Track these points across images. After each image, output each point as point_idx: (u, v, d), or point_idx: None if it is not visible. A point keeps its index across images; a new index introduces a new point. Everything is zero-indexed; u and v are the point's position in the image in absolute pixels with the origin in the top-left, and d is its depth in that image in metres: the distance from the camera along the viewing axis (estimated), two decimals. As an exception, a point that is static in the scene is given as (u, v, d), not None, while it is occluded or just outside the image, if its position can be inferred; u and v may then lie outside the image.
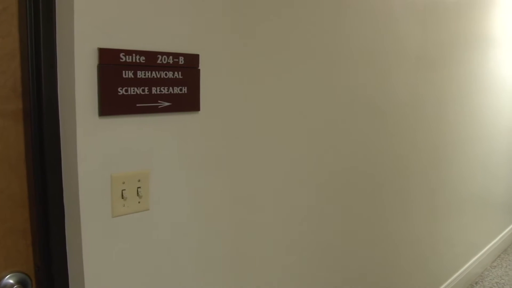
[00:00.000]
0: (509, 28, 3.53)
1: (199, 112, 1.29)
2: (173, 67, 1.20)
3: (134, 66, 1.13)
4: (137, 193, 1.19)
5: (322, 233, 1.83)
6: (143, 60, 1.14)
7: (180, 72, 1.22)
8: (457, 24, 2.65)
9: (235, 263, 1.48)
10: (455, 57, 2.69)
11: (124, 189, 1.16)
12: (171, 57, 1.19)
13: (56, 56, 1.08)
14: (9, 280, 1.12)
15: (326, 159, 1.79)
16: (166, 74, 1.19)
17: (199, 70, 1.26)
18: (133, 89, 1.13)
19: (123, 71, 1.11)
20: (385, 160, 2.16)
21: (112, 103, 1.10)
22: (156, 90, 1.18)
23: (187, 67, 1.23)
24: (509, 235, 4.15)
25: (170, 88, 1.20)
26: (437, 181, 2.70)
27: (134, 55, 1.12)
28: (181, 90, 1.22)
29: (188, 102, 1.25)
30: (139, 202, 1.19)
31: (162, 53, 1.18)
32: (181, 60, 1.21)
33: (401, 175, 2.32)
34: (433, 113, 2.54)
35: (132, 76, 1.13)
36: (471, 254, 3.40)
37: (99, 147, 1.10)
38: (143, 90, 1.15)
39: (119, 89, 1.11)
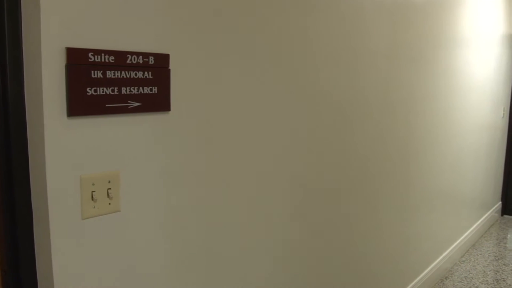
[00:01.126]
0: (477, 28, 3.63)
1: (170, 112, 1.28)
2: (143, 67, 1.19)
3: (103, 66, 1.11)
4: (108, 195, 1.17)
5: (291, 234, 1.85)
6: (112, 60, 1.13)
7: (150, 72, 1.21)
8: (425, 24, 2.70)
9: (207, 264, 1.48)
10: (424, 56, 2.75)
11: (94, 191, 1.14)
12: (141, 57, 1.18)
13: (22, 56, 1.06)
14: (-25, 285, 1.10)
15: (296, 158, 1.80)
16: (136, 74, 1.18)
17: (169, 70, 1.25)
18: (103, 89, 1.12)
19: (92, 71, 1.10)
20: (354, 158, 2.20)
21: (80, 103, 1.08)
22: (126, 90, 1.17)
23: (158, 67, 1.22)
24: (477, 230, 4.26)
25: (140, 88, 1.19)
26: (406, 179, 2.76)
27: (103, 54, 1.11)
28: (151, 90, 1.22)
29: (159, 102, 1.24)
30: (109, 204, 1.18)
31: (132, 53, 1.17)
32: (151, 60, 1.21)
33: (371, 173, 2.36)
34: (403, 111, 2.59)
35: (101, 76, 1.11)
36: (441, 249, 3.48)
37: (67, 148, 1.08)
38: (113, 90, 1.14)
39: (88, 89, 1.09)
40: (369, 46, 2.16)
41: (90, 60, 1.09)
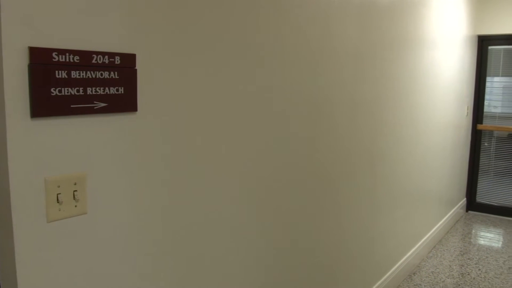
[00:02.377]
0: (442, 30, 3.72)
1: (137, 112, 1.27)
2: (109, 67, 1.18)
3: (68, 66, 1.10)
4: (74, 197, 1.15)
5: (256, 235, 1.85)
6: (77, 59, 1.11)
7: (116, 72, 1.20)
8: (391, 26, 2.76)
9: (175, 265, 1.47)
10: (390, 57, 2.81)
11: (60, 193, 1.12)
12: (106, 57, 1.17)
13: (-18, 55, 1.03)
14: None
15: (261, 158, 1.81)
16: (101, 74, 1.17)
17: (136, 70, 1.24)
18: (67, 89, 1.10)
19: (56, 71, 1.08)
20: (320, 158, 2.22)
21: (44, 104, 1.06)
22: (92, 91, 1.15)
23: (124, 67, 1.21)
24: (443, 226, 4.37)
25: (106, 88, 1.18)
26: (374, 178, 2.81)
27: (67, 54, 1.09)
28: (117, 90, 1.20)
29: (125, 103, 1.23)
30: (76, 206, 1.16)
31: (97, 53, 1.15)
32: (117, 60, 1.19)
33: (338, 172, 2.39)
34: (370, 111, 2.64)
35: (66, 76, 1.10)
36: (409, 246, 3.55)
37: (31, 150, 1.06)
38: (78, 91, 1.12)
39: (52, 90, 1.07)
40: (335, 46, 2.19)
41: (54, 60, 1.07)
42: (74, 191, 1.15)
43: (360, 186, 2.62)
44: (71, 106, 1.11)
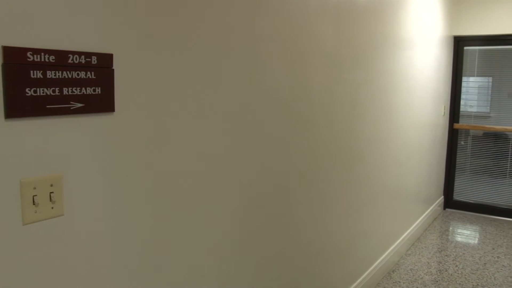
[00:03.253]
0: (419, 30, 3.77)
1: (114, 113, 1.26)
2: (86, 67, 1.17)
3: (43, 66, 1.08)
4: (50, 199, 1.14)
5: (234, 235, 1.86)
6: (52, 59, 1.10)
7: (93, 72, 1.18)
8: (369, 26, 2.79)
9: (156, 265, 1.46)
10: (369, 57, 2.84)
11: (36, 195, 1.11)
12: (83, 57, 1.16)
13: (-46, 55, 1.01)
14: None
15: (240, 158, 1.82)
16: (78, 74, 1.15)
17: (113, 70, 1.23)
18: (43, 89, 1.09)
19: (31, 71, 1.06)
20: (300, 157, 2.23)
21: (19, 104, 1.05)
22: (68, 91, 1.14)
23: (101, 67, 1.20)
24: (421, 224, 4.44)
25: (83, 88, 1.17)
26: (353, 177, 2.83)
27: (43, 54, 1.08)
28: (94, 90, 1.19)
29: (102, 103, 1.22)
30: (52, 208, 1.15)
31: (74, 53, 1.14)
32: (94, 60, 1.18)
33: (317, 172, 2.41)
34: (348, 110, 2.66)
35: (41, 76, 1.08)
36: (388, 244, 3.60)
37: (6, 151, 1.04)
38: (54, 91, 1.11)
39: (27, 90, 1.06)
40: (313, 46, 2.21)
41: (29, 59, 1.05)
42: (51, 192, 1.14)
43: (339, 186, 2.64)
44: (47, 106, 1.10)
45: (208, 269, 1.68)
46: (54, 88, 1.11)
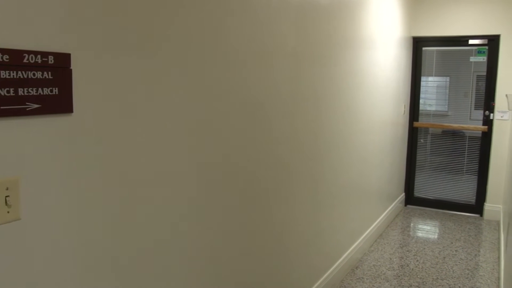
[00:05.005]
0: (379, 31, 3.86)
1: (73, 114, 1.23)
2: (42, 66, 1.14)
3: (-3, 66, 1.05)
4: (6, 202, 1.10)
5: (198, 234, 1.85)
6: (7, 59, 1.07)
7: (50, 72, 1.15)
8: (330, 26, 2.83)
9: (116, 268, 1.44)
10: (330, 56, 2.88)
11: (-10, 199, 1.07)
12: (39, 56, 1.13)
13: None
14: None
15: (205, 156, 1.81)
16: (34, 74, 1.12)
17: (71, 70, 1.20)
18: (-4, 90, 1.05)
19: (-16, 71, 1.03)
20: (264, 156, 2.25)
21: (-29, 106, 1.01)
22: (24, 92, 1.11)
23: (58, 67, 1.17)
24: (384, 220, 4.54)
25: (39, 89, 1.14)
26: (316, 174, 2.87)
27: (-4, 53, 1.04)
28: (51, 91, 1.16)
29: (60, 104, 1.19)
30: (8, 212, 1.11)
31: (29, 52, 1.11)
32: (51, 60, 1.15)
33: (282, 168, 2.42)
34: (312, 108, 2.69)
35: (-5, 77, 1.05)
36: (352, 240, 3.66)
37: (-43, 154, 1.00)
38: (8, 92, 1.07)
39: (-21, 91, 1.02)
40: (275, 45, 2.22)
41: (-19, 59, 1.02)
42: (6, 196, 1.10)
43: (301, 184, 2.67)
44: (1, 107, 1.06)
45: (170, 263, 1.67)
46: (8, 89, 1.07)
